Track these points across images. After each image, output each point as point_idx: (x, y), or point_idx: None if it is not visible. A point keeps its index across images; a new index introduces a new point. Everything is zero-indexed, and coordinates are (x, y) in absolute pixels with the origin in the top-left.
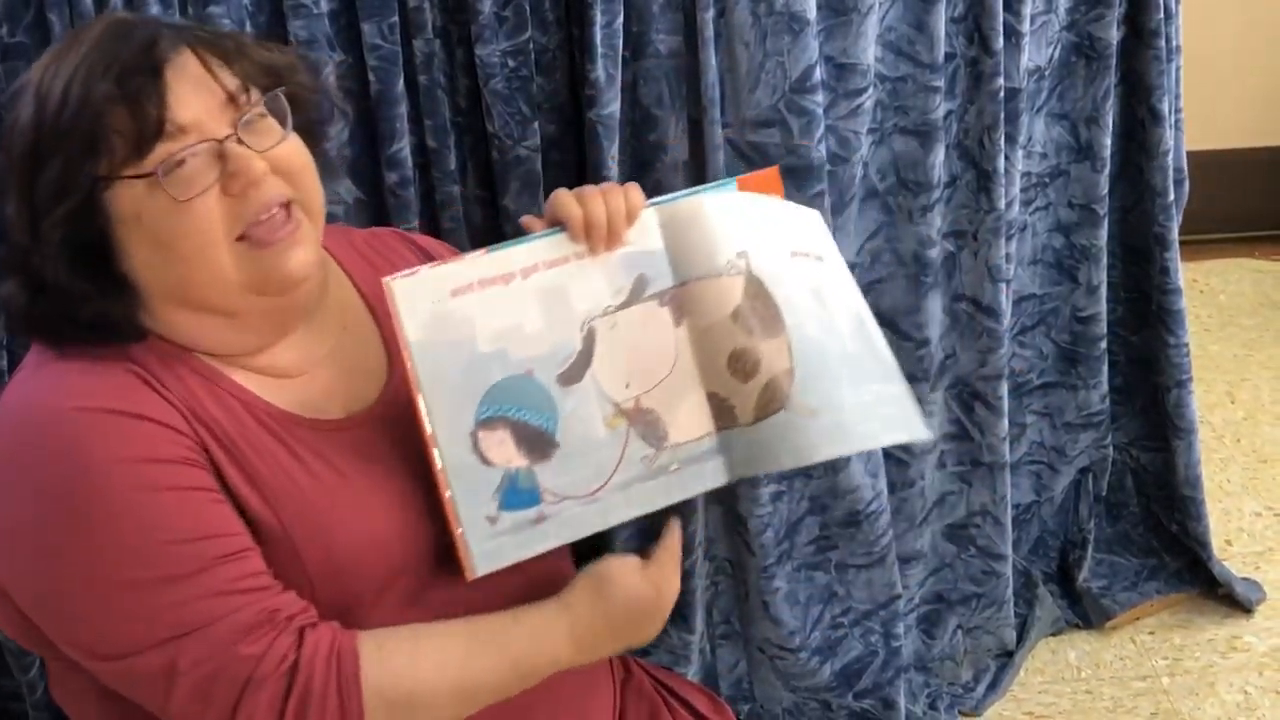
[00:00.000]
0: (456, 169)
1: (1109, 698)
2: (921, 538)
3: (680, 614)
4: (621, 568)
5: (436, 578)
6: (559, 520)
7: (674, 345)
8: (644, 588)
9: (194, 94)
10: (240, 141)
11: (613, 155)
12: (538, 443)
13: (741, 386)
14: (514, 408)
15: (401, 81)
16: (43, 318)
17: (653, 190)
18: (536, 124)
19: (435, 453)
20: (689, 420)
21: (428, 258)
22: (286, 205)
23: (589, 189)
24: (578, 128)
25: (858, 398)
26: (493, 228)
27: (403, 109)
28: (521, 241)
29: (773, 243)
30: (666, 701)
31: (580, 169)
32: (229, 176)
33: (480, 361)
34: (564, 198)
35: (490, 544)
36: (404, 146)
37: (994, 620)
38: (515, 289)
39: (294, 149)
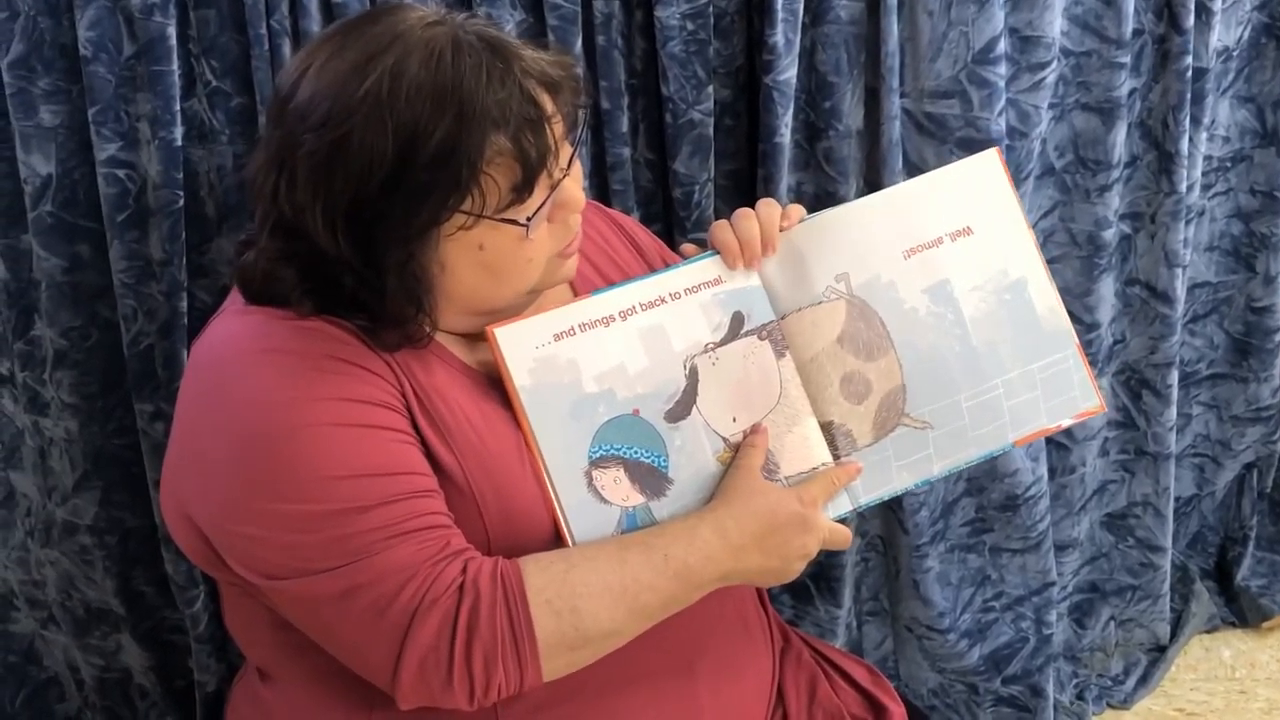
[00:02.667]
0: (628, 131)
1: (1264, 699)
2: (1079, 525)
3: (828, 588)
4: (757, 470)
5: None
6: None
7: (778, 378)
8: (783, 493)
9: (557, 144)
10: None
11: (786, 122)
12: (651, 479)
13: (856, 409)
14: (625, 446)
15: (580, 42)
16: (319, 306)
17: (823, 159)
18: (711, 88)
19: (551, 490)
20: (800, 451)
21: (622, 231)
22: None
23: (743, 210)
24: (751, 93)
25: (980, 398)
26: (660, 191)
27: (579, 70)
28: (675, 267)
29: (880, 250)
30: (825, 671)
31: (752, 135)
32: (559, 207)
33: (588, 402)
34: (720, 224)
35: None
36: None
37: (1148, 613)
38: (616, 330)
39: (579, 170)
